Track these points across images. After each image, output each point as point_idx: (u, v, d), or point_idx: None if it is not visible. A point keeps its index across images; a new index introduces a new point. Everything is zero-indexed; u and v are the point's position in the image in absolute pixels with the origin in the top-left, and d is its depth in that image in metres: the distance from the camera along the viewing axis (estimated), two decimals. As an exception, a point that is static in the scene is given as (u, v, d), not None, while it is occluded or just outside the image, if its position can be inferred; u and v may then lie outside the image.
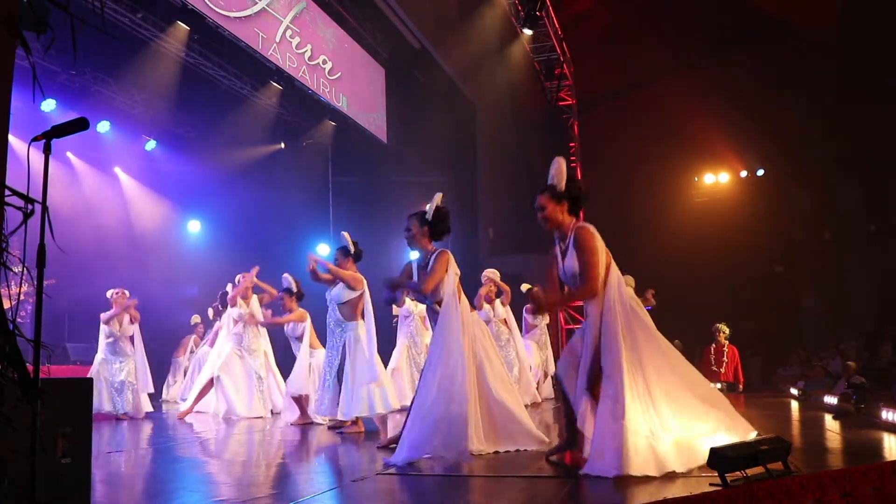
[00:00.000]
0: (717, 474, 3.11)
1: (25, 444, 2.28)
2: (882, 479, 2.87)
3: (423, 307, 8.07)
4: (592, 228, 3.88)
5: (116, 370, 8.14)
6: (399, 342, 8.74)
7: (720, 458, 3.11)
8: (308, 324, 7.80)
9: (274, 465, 4.83)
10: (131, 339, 8.38)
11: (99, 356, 8.22)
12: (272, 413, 8.30)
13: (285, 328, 7.94)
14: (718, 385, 11.66)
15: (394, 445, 4.56)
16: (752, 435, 3.68)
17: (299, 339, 7.81)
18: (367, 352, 6.13)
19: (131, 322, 8.35)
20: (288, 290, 7.73)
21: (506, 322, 8.89)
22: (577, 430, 3.85)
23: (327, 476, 4.27)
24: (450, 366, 4.34)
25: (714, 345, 11.95)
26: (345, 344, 6.25)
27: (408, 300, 7.93)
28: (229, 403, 7.99)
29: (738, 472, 3.10)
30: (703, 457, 3.34)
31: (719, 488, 2.98)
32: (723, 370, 11.79)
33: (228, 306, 8.37)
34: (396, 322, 8.97)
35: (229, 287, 8.62)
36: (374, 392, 6.04)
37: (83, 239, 10.60)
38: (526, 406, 5.78)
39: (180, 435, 6.60)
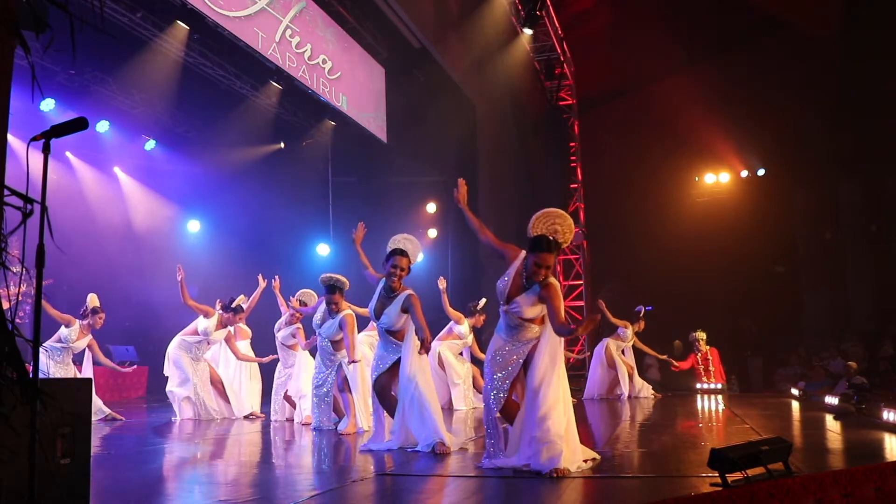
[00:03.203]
0: (717, 474, 3.11)
1: (24, 445, 2.27)
2: (883, 479, 2.87)
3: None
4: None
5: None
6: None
7: (721, 459, 3.10)
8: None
9: (274, 466, 4.82)
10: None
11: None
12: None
13: (278, 336, 7.92)
14: (709, 386, 11.74)
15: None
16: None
17: (291, 347, 7.85)
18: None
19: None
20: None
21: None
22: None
23: (327, 476, 4.26)
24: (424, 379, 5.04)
25: (699, 354, 11.98)
26: (339, 365, 6.49)
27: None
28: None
29: (738, 473, 3.10)
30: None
31: (720, 488, 2.98)
32: (713, 379, 11.84)
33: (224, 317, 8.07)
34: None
35: (242, 300, 8.22)
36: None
37: (82, 239, 10.59)
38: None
39: (179, 436, 6.59)
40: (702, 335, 11.92)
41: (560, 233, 4.07)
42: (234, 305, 7.99)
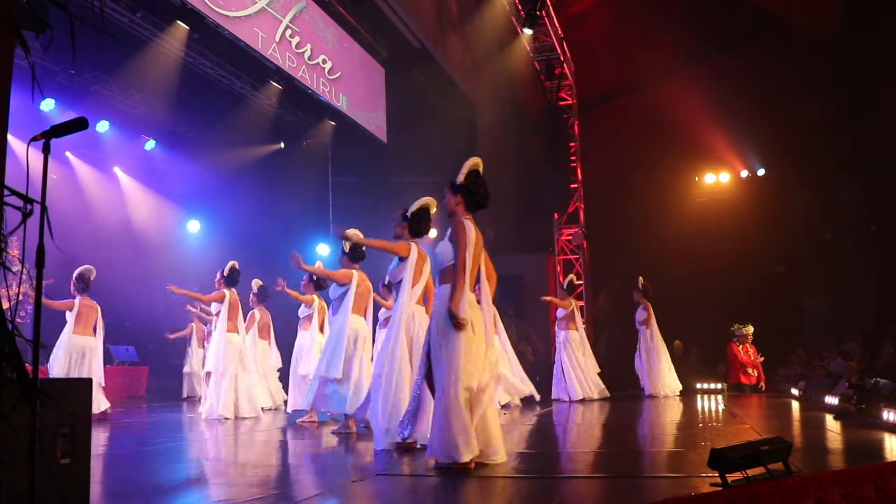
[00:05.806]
0: (717, 474, 3.11)
1: (24, 445, 2.27)
2: (883, 479, 2.87)
3: None
4: (468, 224, 4.15)
5: None
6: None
7: (721, 459, 3.10)
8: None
9: (274, 466, 4.82)
10: None
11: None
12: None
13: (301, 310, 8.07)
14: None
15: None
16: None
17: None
18: (334, 347, 6.16)
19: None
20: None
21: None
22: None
23: (327, 476, 4.26)
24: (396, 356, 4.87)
25: (743, 346, 12.00)
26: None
27: None
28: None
29: (738, 473, 3.10)
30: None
31: (720, 489, 2.98)
32: (754, 372, 11.87)
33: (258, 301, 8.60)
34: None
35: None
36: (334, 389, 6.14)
37: (82, 239, 10.59)
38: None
39: (179, 436, 6.59)
40: (751, 329, 12.03)
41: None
42: (227, 273, 8.06)
